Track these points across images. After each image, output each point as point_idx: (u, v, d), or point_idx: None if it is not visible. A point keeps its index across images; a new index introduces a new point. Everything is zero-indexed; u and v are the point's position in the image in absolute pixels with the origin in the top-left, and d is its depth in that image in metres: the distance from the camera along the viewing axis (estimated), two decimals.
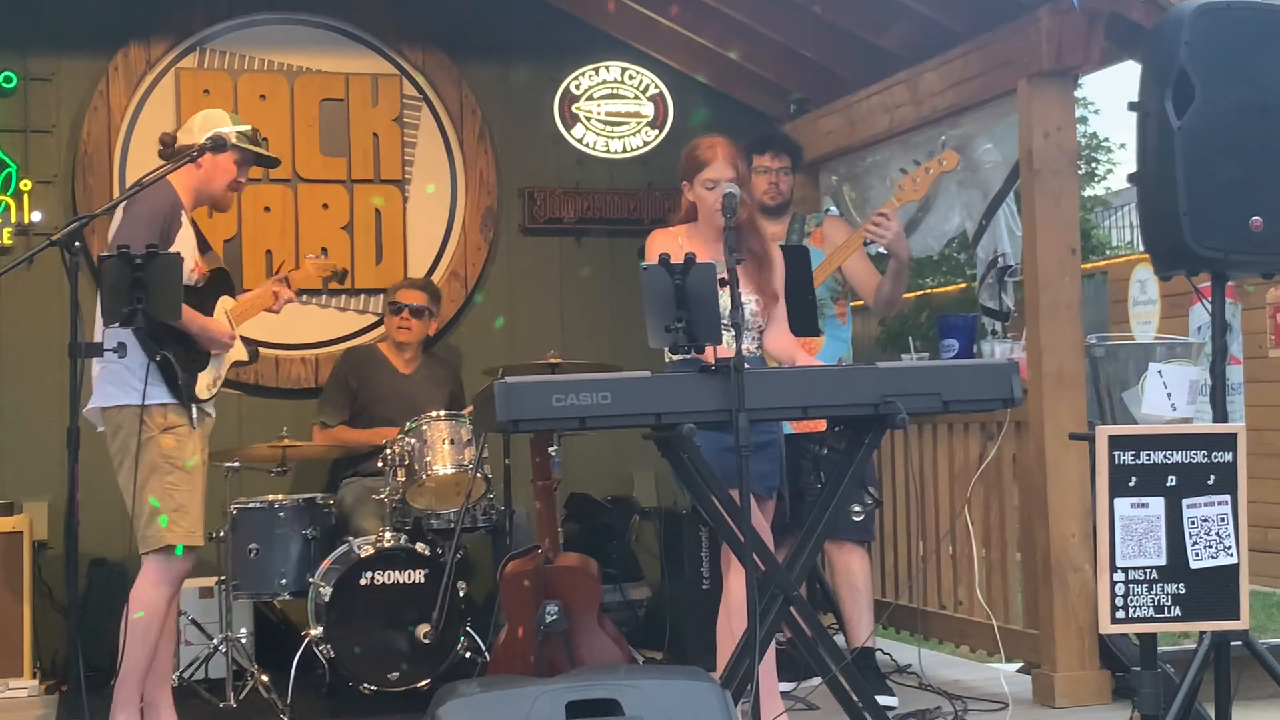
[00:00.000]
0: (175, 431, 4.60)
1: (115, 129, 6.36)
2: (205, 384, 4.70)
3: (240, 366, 5.05)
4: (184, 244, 4.57)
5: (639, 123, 6.89)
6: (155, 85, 6.44)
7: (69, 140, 6.32)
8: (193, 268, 4.63)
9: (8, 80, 6.24)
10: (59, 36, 6.31)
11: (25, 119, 6.29)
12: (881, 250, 5.46)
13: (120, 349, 4.32)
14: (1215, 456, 3.99)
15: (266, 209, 6.51)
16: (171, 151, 4.75)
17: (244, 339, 4.94)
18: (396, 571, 5.31)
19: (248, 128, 4.89)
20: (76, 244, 4.11)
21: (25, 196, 6.20)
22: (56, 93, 6.33)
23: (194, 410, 4.64)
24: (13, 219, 6.17)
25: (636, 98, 6.90)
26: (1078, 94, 5.31)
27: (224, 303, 4.83)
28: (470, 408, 5.62)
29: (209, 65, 6.51)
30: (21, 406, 6.14)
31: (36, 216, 6.20)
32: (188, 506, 4.60)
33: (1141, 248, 5.16)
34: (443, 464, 5.47)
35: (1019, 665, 5.60)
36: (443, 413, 5.61)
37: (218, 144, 4.71)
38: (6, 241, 6.15)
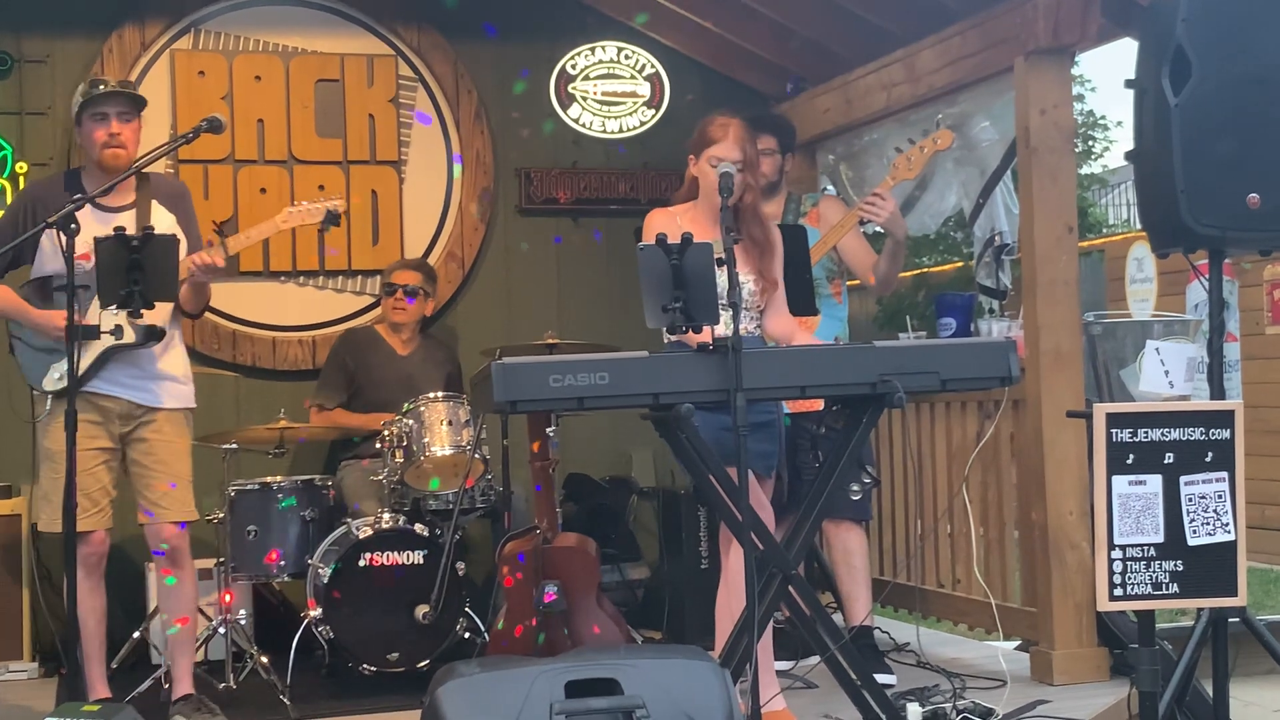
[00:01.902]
0: (41, 421, 4.70)
1: None
2: (53, 376, 4.68)
3: (130, 350, 4.72)
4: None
5: (635, 103, 6.88)
6: (150, 66, 6.42)
7: (64, 122, 6.28)
8: (84, 253, 4.40)
9: (2, 62, 6.23)
10: (53, 18, 6.29)
11: (20, 101, 6.27)
12: (878, 229, 5.45)
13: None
14: (1213, 434, 3.99)
15: (262, 190, 6.50)
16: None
17: (135, 324, 4.66)
18: (395, 553, 5.31)
19: (89, 86, 4.80)
20: (73, 226, 4.10)
21: (21, 179, 6.18)
22: (51, 74, 6.30)
23: (49, 400, 4.66)
24: (7, 201, 6.15)
25: (633, 77, 6.88)
26: (1074, 71, 5.31)
27: None
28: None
29: (204, 46, 6.49)
30: (18, 390, 6.13)
31: (10, 205, 6.18)
32: (51, 495, 4.63)
33: (1138, 225, 5.16)
34: (441, 445, 5.47)
35: (1017, 643, 5.61)
36: (441, 394, 5.61)
37: (74, 121, 4.74)
38: None
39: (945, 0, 5.57)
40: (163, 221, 4.76)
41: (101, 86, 4.77)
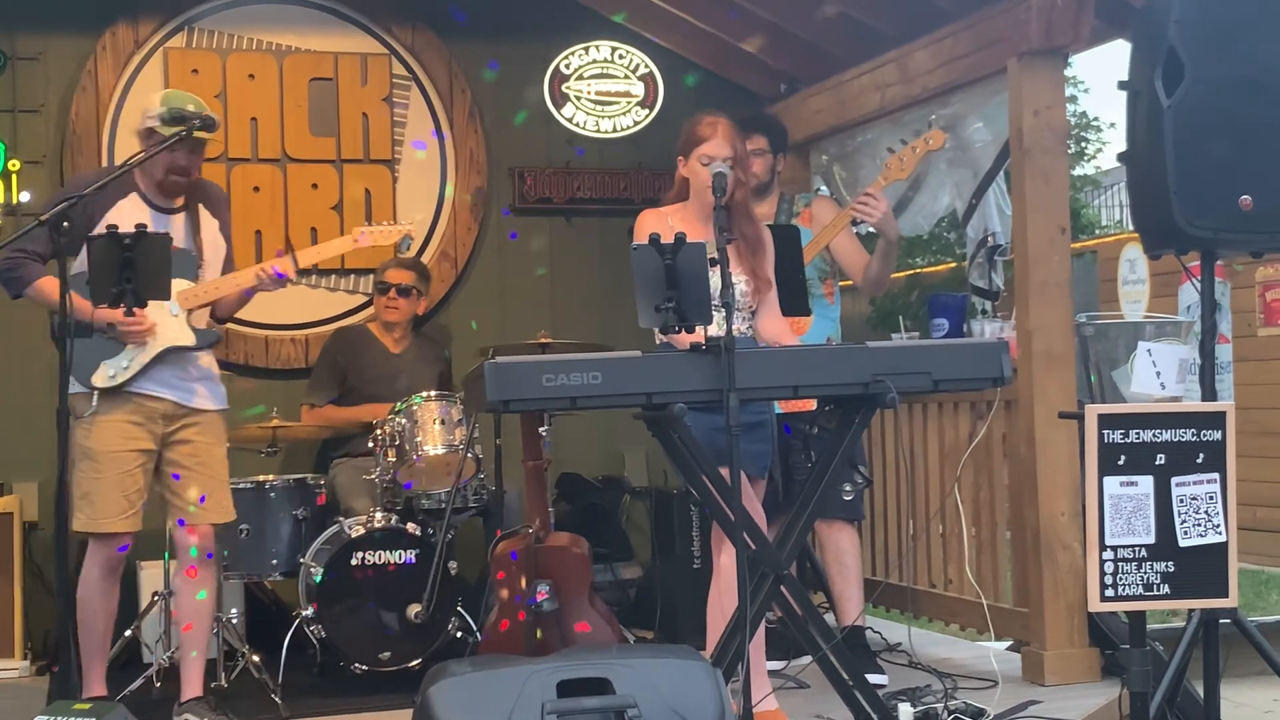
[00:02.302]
0: (84, 420, 4.61)
1: (104, 109, 6.34)
2: (105, 373, 4.62)
3: (185, 352, 4.74)
4: (121, 221, 4.45)
5: (629, 102, 6.88)
6: (144, 65, 6.42)
7: (57, 120, 6.29)
8: None
9: None
10: (47, 15, 6.29)
11: (13, 99, 6.26)
12: (871, 229, 5.46)
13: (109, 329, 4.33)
14: (1204, 435, 4.00)
15: (256, 189, 6.49)
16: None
17: (193, 326, 4.75)
18: (387, 551, 5.31)
19: (174, 107, 4.66)
20: (65, 224, 4.10)
21: (13, 176, 6.18)
22: (44, 72, 6.30)
23: (94, 397, 4.60)
24: (1, 199, 6.15)
25: (627, 77, 6.89)
26: (1067, 73, 5.31)
27: (173, 285, 4.61)
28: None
29: (197, 45, 6.48)
30: (11, 387, 6.13)
31: (25, 197, 6.18)
32: (91, 494, 4.61)
33: (1131, 227, 5.16)
34: (433, 444, 5.47)
35: (1008, 643, 5.62)
36: (433, 393, 5.61)
37: (145, 135, 4.68)
38: None
39: (939, 1, 5.58)
40: (210, 227, 4.82)
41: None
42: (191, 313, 4.74)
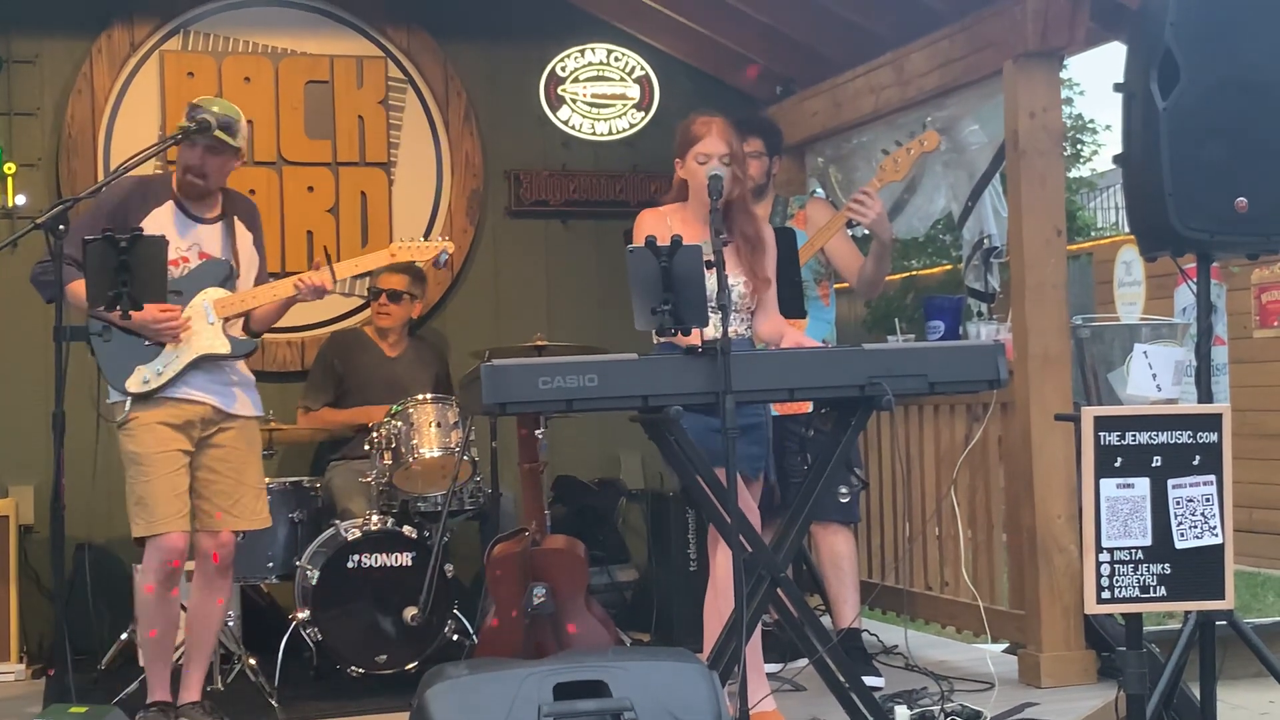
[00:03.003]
0: (124, 427, 4.62)
1: (99, 111, 6.33)
2: (139, 378, 4.60)
3: (221, 360, 4.76)
4: (155, 229, 4.49)
5: (625, 105, 6.89)
6: (139, 67, 6.41)
7: (53, 123, 6.29)
8: (174, 259, 4.57)
9: None
10: (42, 18, 6.28)
11: (9, 102, 6.26)
12: (865, 232, 5.46)
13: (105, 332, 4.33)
14: (1200, 437, 4.00)
15: (251, 192, 6.44)
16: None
17: (230, 335, 4.75)
18: (383, 554, 5.31)
19: (195, 107, 4.72)
20: (61, 227, 4.10)
21: (9, 180, 6.18)
22: (40, 75, 6.30)
23: (128, 403, 4.59)
24: None
25: (622, 80, 6.89)
26: (1062, 75, 5.31)
27: (210, 293, 4.73)
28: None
29: (193, 47, 6.48)
30: (6, 391, 6.13)
31: (21, 200, 6.18)
32: (145, 499, 4.59)
33: (1127, 229, 5.17)
34: (429, 447, 5.46)
35: (1005, 646, 5.62)
36: (429, 395, 5.60)
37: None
38: None
39: (934, 4, 5.58)
40: (244, 240, 4.84)
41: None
42: (227, 321, 4.74)
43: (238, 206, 4.92)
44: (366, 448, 5.58)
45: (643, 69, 6.89)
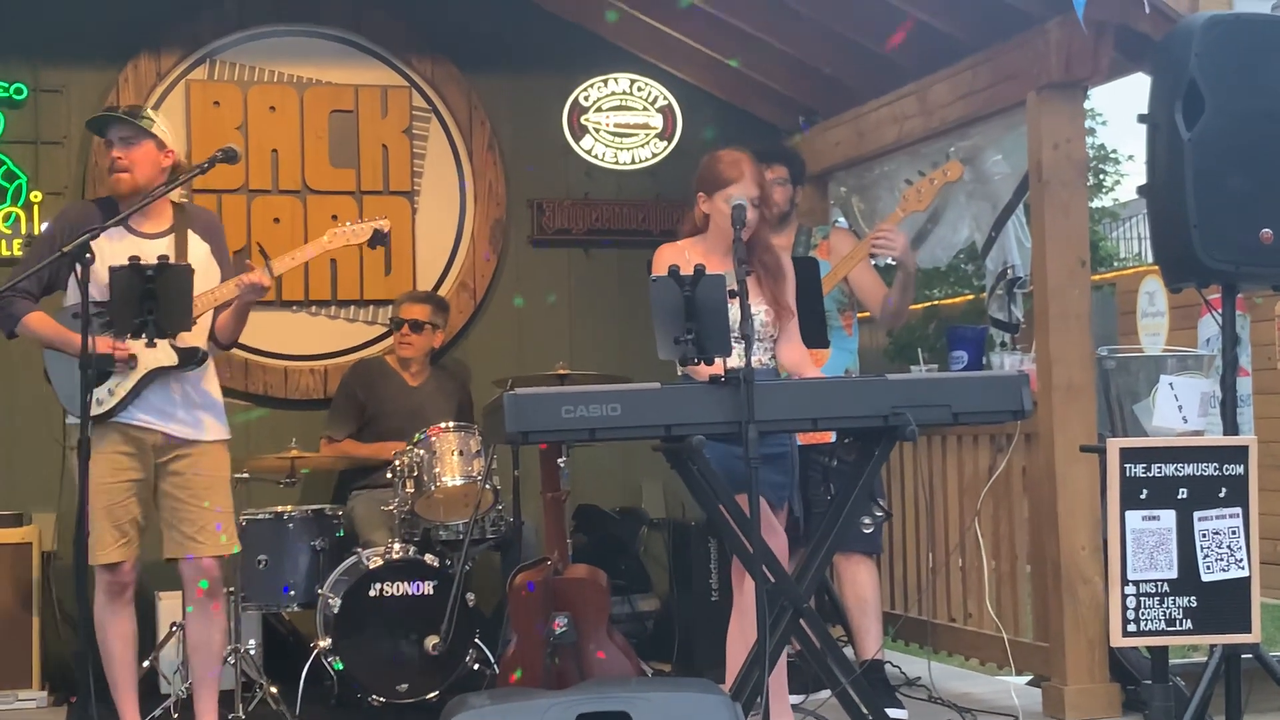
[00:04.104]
0: (77, 450, 4.46)
1: None
2: (96, 398, 4.50)
3: (173, 374, 4.67)
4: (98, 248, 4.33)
5: (648, 134, 6.90)
6: (166, 96, 6.45)
7: (79, 152, 6.33)
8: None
9: (18, 92, 6.26)
10: (69, 48, 6.33)
11: (36, 130, 6.30)
12: (889, 261, 5.46)
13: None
14: (1226, 469, 3.99)
15: (276, 220, 6.52)
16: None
17: (175, 346, 4.64)
18: (405, 583, 5.30)
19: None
20: (87, 255, 4.10)
21: (35, 208, 6.22)
22: (67, 104, 6.34)
23: (89, 427, 4.34)
24: (23, 230, 6.18)
25: (645, 109, 6.91)
26: (1085, 105, 5.31)
27: None
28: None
29: (219, 77, 6.52)
30: (31, 418, 6.14)
31: (46, 228, 6.21)
32: (90, 528, 4.45)
33: (1150, 259, 5.16)
34: (451, 475, 5.47)
35: (1029, 678, 5.58)
36: (452, 424, 5.61)
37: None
38: (17, 253, 6.13)
39: (957, 35, 5.59)
40: (198, 251, 4.75)
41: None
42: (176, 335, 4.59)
43: (193, 220, 4.85)
44: (389, 476, 5.59)
45: (666, 99, 6.91)
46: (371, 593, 5.28)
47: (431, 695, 5.23)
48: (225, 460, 4.83)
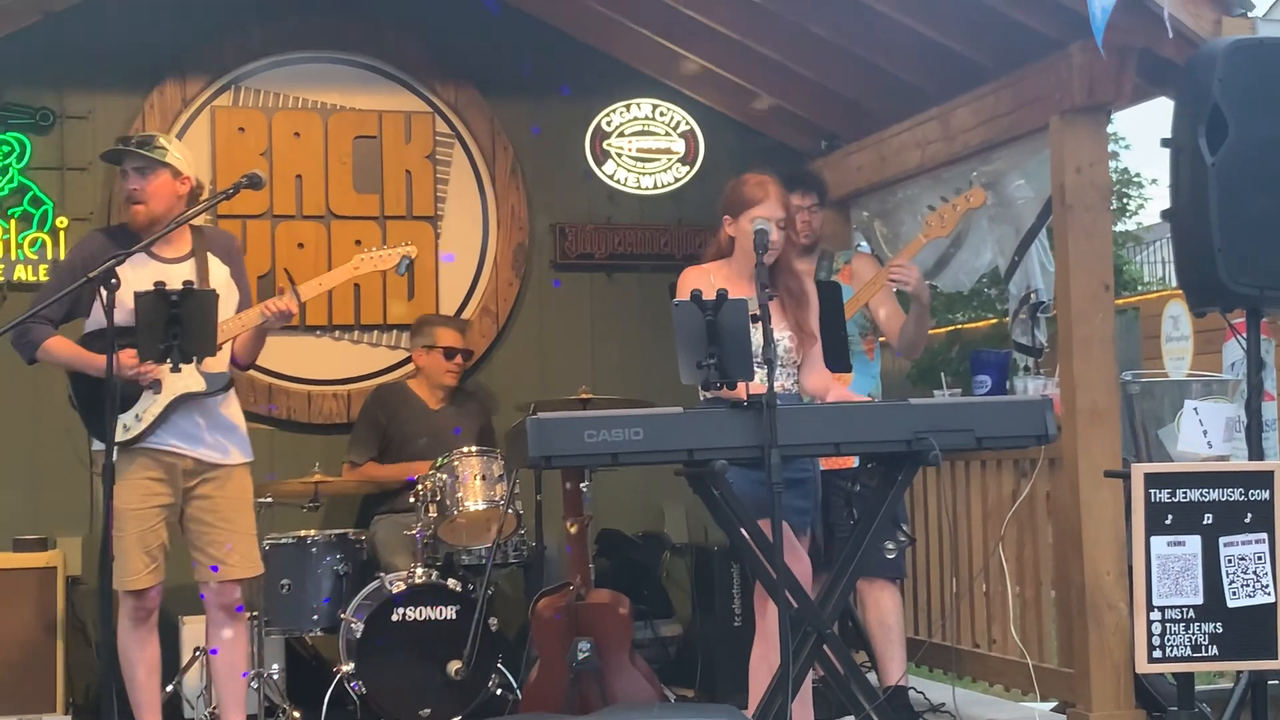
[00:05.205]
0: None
1: None
2: (120, 427, 4.55)
3: (200, 399, 4.72)
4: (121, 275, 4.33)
5: (670, 159, 6.91)
6: (191, 123, 6.48)
7: (105, 178, 6.35)
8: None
9: (44, 118, 6.30)
10: (95, 74, 6.37)
11: (62, 156, 6.34)
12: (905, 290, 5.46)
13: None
14: (1252, 494, 3.97)
15: (300, 245, 6.55)
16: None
17: (203, 371, 4.68)
18: (428, 607, 5.31)
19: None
20: (113, 280, 4.12)
21: (61, 233, 6.25)
22: (93, 130, 6.37)
23: (114, 452, 4.35)
24: (49, 255, 6.21)
25: (668, 134, 6.92)
26: (1108, 129, 5.30)
27: None
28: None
29: (244, 103, 6.56)
30: (56, 443, 6.16)
31: (65, 257, 6.24)
32: (117, 553, 4.55)
33: (1174, 283, 5.15)
34: (474, 500, 5.47)
35: (1054, 704, 5.55)
36: (474, 448, 5.62)
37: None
38: (43, 278, 6.18)
39: (980, 59, 5.59)
40: (218, 274, 4.80)
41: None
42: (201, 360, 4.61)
43: (211, 243, 4.90)
44: (412, 500, 5.59)
45: (688, 123, 6.92)
46: (394, 617, 5.29)
47: None
48: (249, 483, 4.89)
